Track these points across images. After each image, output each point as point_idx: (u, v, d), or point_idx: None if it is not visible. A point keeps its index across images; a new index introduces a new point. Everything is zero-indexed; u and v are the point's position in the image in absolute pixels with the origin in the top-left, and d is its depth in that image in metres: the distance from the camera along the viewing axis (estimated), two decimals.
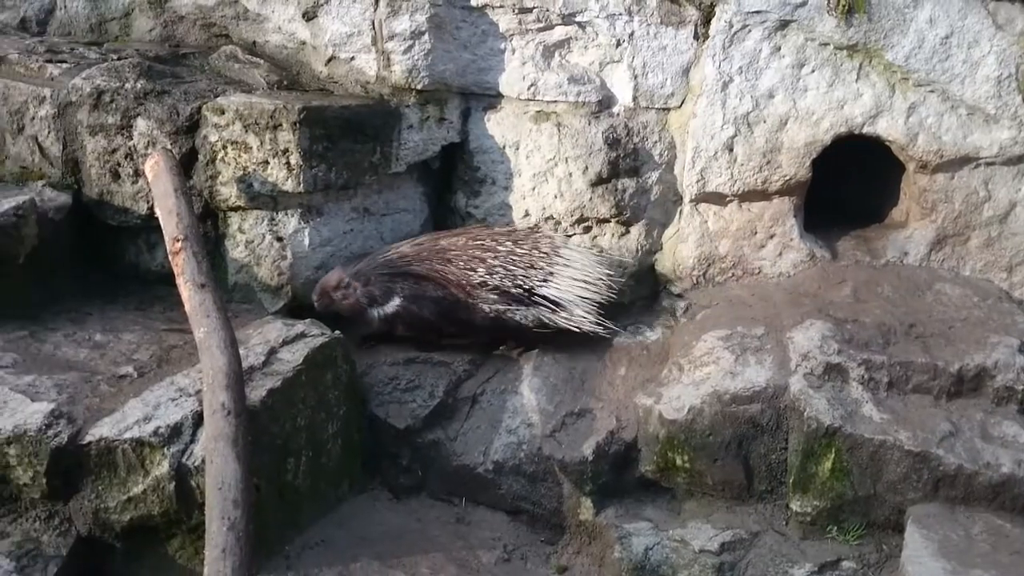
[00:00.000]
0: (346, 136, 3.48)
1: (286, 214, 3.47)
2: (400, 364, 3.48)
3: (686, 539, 3.05)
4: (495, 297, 3.41)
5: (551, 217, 3.71)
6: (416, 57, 3.57)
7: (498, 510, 3.31)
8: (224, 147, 3.39)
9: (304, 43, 3.74)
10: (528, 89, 3.65)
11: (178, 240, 3.07)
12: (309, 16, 3.67)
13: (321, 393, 3.16)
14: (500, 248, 3.45)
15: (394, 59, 3.59)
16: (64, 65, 3.57)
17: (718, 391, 3.12)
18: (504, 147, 3.71)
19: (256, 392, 2.91)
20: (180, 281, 3.03)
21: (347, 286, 3.45)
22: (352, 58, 3.65)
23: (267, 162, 3.38)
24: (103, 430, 2.73)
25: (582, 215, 3.69)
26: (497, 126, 3.71)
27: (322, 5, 3.64)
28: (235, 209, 3.47)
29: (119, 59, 3.57)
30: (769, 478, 3.13)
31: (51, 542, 2.71)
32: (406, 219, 3.80)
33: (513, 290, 3.40)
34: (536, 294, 3.41)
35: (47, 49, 3.70)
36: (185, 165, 3.41)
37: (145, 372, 3.04)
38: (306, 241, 3.49)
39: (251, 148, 3.37)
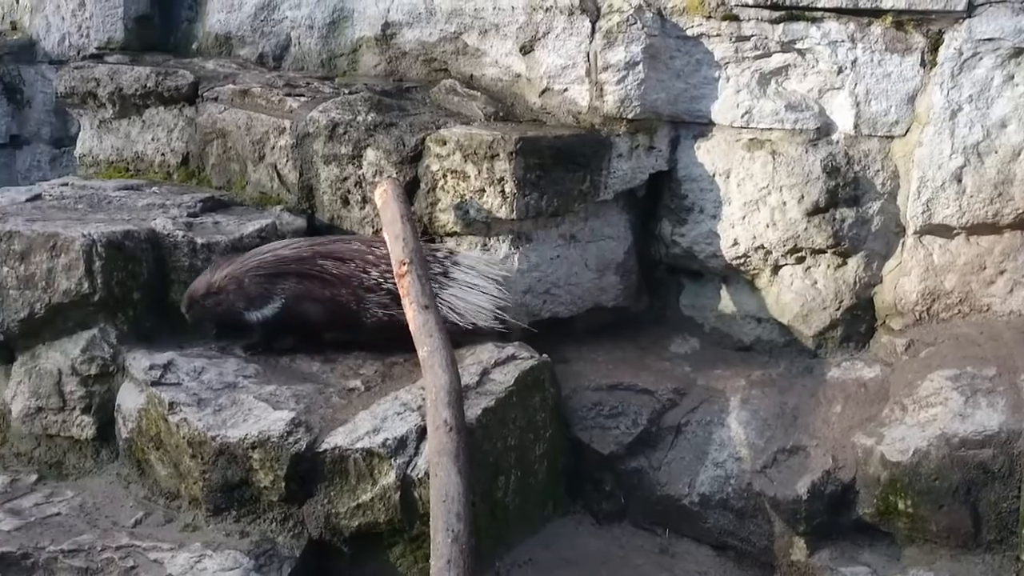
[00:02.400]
0: (558, 165, 3.56)
1: (498, 240, 3.58)
2: (603, 390, 3.49)
3: None
4: (388, 300, 3.28)
5: (762, 247, 3.65)
6: (629, 87, 3.62)
7: (703, 544, 3.27)
8: (444, 176, 3.55)
9: (519, 76, 3.87)
10: (742, 117, 3.62)
11: (404, 263, 3.23)
12: (526, 50, 3.80)
13: (530, 415, 3.23)
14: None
15: (607, 89, 3.65)
16: (302, 99, 3.85)
17: (946, 434, 2.97)
18: (714, 175, 3.69)
19: (472, 410, 3.00)
20: (405, 302, 3.18)
21: (218, 291, 3.24)
22: (565, 89, 3.75)
23: (483, 190, 3.51)
24: (337, 439, 2.89)
25: (796, 245, 3.61)
26: (707, 154, 3.70)
27: (539, 39, 3.76)
28: (451, 234, 3.61)
29: (351, 93, 3.82)
30: (998, 527, 2.95)
31: (286, 543, 2.89)
32: (610, 246, 3.84)
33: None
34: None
35: (285, 83, 4.00)
36: (408, 192, 3.58)
37: (371, 386, 3.21)
38: (515, 266, 3.59)
39: (469, 177, 3.51)
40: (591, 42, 3.67)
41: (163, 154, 4.16)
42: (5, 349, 3.33)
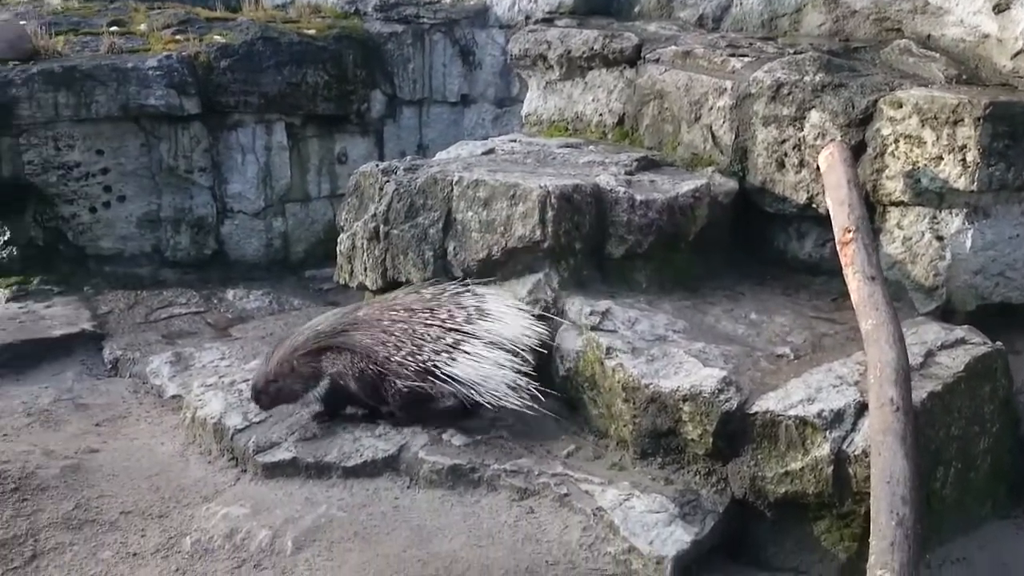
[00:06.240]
0: None
1: (950, 213, 3.32)
2: None
3: None
4: (408, 372, 3.17)
5: None
6: None
7: None
8: (896, 141, 3.34)
9: (987, 36, 3.52)
10: None
11: (849, 231, 3.10)
12: (1000, 8, 3.45)
13: (977, 405, 2.97)
14: (415, 318, 3.23)
15: None
16: (745, 59, 3.82)
17: None
18: None
19: (916, 393, 2.81)
20: (848, 272, 3.06)
21: (275, 379, 3.32)
22: None
23: (940, 158, 3.25)
24: (768, 404, 2.87)
25: None
26: None
27: None
28: (896, 204, 3.40)
29: (797, 53, 3.72)
30: None
31: (708, 497, 2.93)
32: None
33: (419, 366, 3.15)
34: (441, 375, 3.12)
35: (728, 44, 4.00)
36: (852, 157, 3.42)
37: (800, 355, 3.14)
38: (968, 243, 3.30)
39: (925, 143, 3.27)
40: None
41: (601, 114, 4.36)
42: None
